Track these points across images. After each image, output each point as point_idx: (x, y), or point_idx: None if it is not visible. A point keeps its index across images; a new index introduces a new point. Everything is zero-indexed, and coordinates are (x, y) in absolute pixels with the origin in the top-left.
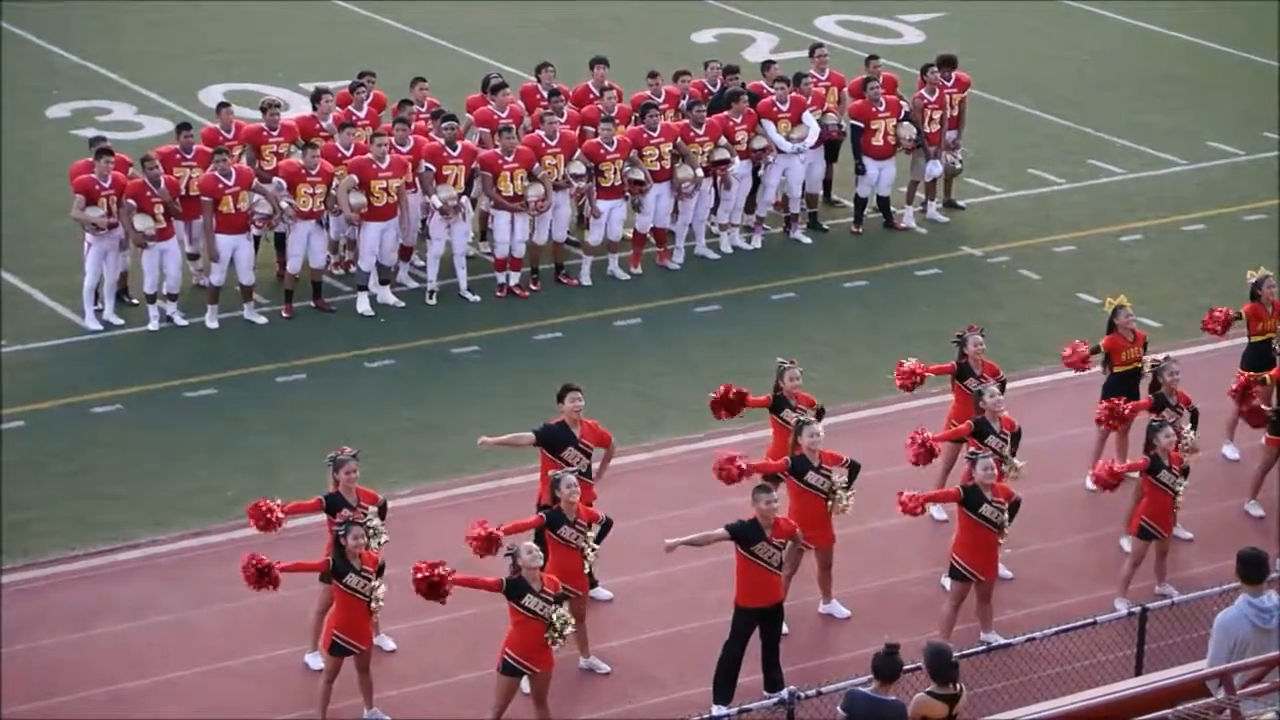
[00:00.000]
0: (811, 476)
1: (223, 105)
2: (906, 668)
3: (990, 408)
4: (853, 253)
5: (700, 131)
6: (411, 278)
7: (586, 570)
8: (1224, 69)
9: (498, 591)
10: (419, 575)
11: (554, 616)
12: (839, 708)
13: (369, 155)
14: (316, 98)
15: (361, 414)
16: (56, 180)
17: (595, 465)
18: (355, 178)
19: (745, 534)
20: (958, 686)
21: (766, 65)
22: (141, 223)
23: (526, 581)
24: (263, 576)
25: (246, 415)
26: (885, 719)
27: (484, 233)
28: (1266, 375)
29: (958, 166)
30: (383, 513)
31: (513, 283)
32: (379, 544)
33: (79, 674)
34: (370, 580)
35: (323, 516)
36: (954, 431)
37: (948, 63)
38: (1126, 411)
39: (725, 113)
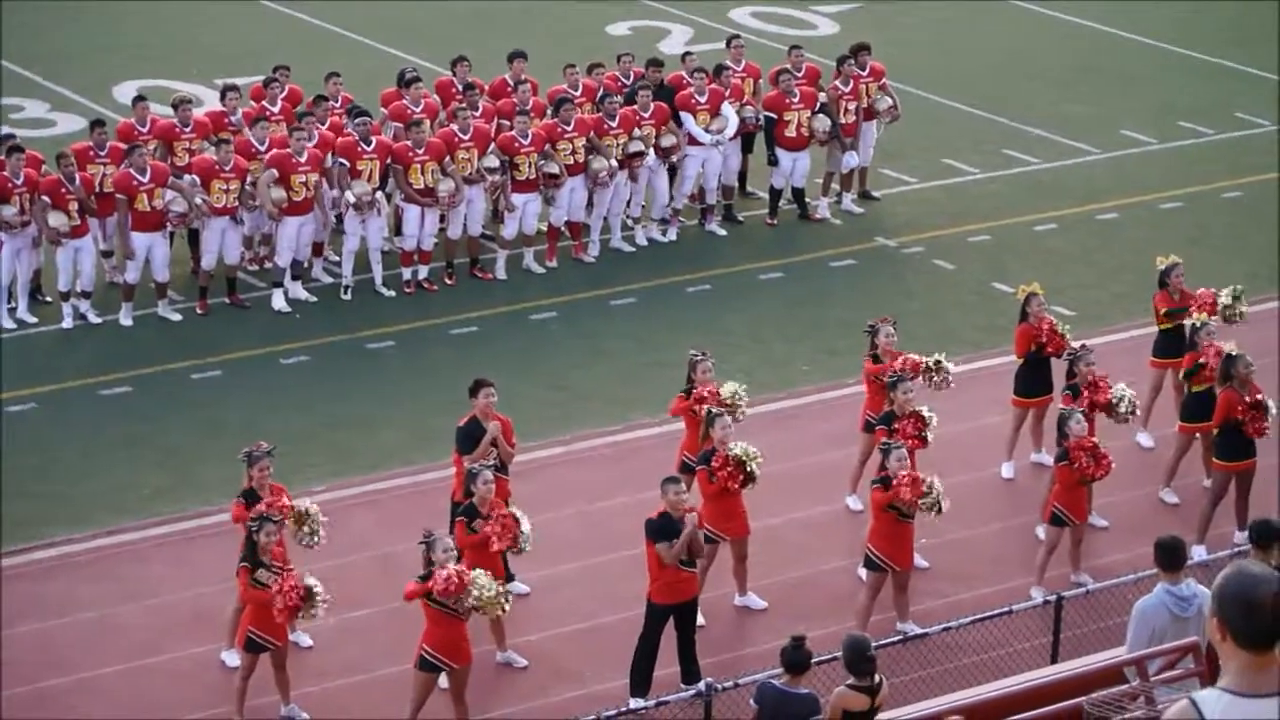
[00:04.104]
0: None
1: (139, 99)
2: (822, 658)
3: (901, 402)
4: (768, 244)
5: (614, 124)
6: (326, 273)
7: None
8: (1136, 58)
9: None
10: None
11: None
12: (751, 700)
13: (289, 150)
14: (224, 93)
15: (277, 410)
16: None
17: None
18: (275, 172)
19: (662, 532)
20: (876, 678)
21: (684, 56)
22: (56, 219)
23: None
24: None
25: (162, 413)
26: (795, 711)
27: (398, 226)
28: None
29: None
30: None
31: (420, 276)
32: (316, 540)
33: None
34: (279, 575)
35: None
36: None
37: (862, 49)
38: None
39: (634, 105)
